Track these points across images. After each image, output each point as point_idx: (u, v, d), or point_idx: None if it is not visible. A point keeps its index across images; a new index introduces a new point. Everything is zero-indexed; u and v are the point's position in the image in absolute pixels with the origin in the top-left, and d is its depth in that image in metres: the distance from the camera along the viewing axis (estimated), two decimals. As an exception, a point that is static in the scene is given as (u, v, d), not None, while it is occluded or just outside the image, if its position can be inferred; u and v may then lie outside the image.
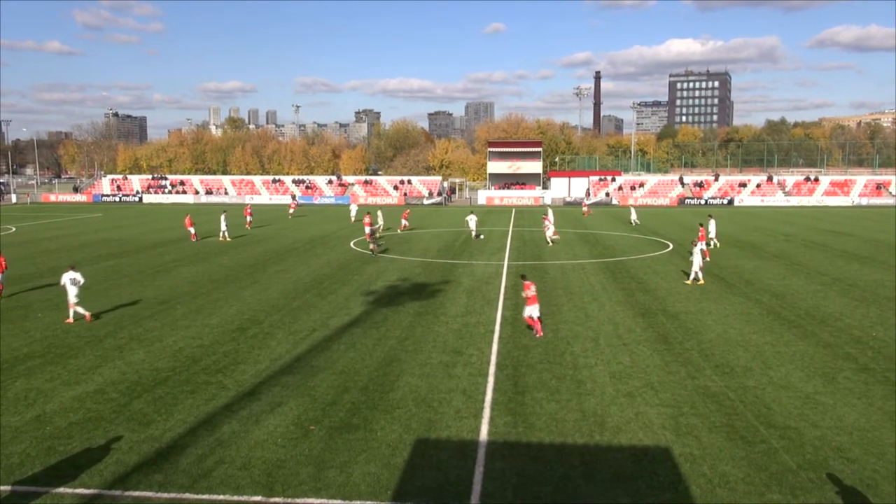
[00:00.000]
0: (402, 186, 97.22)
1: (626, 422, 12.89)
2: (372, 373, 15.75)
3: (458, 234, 48.11)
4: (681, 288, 26.42)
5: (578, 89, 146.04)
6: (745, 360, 16.81)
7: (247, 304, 23.48)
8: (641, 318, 21.42)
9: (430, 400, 13.98)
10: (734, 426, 12.68)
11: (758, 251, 37.65)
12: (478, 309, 22.70)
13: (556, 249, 38.71)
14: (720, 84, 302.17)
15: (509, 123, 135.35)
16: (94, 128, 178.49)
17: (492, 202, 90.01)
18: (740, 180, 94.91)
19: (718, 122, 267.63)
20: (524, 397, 14.16)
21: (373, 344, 18.23)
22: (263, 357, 17.04)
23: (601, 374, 15.69)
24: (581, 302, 23.82)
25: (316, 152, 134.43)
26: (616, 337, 19.09)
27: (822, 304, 23.45)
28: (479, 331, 19.75)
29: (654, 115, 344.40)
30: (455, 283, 27.69)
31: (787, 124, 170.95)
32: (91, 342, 18.47)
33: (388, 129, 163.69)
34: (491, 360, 16.72)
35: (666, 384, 15.00)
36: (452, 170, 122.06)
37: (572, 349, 17.81)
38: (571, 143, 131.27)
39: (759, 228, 51.17)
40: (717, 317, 21.52)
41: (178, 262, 33.18)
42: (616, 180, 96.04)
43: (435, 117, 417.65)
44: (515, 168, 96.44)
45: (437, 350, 17.67)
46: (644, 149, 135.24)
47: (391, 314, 21.77)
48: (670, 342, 18.54)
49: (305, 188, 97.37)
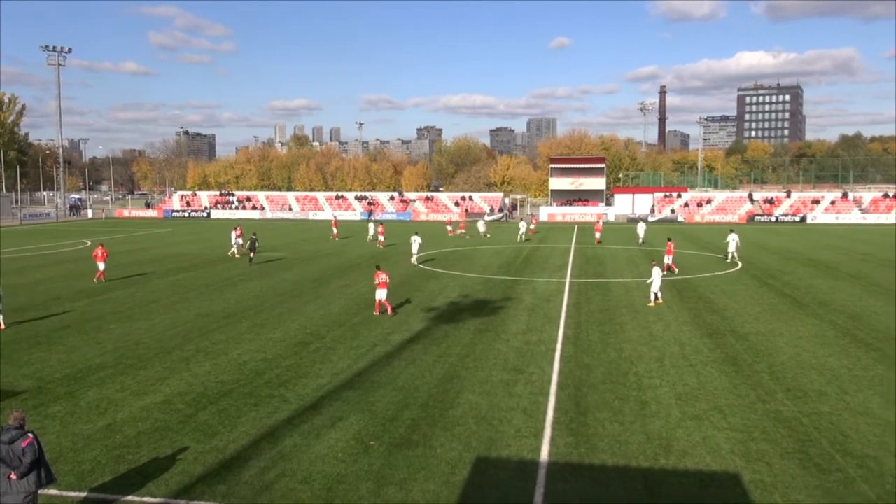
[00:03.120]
0: (463, 202, 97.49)
1: (693, 446, 12.54)
2: (432, 389, 15.76)
3: (518, 250, 47.92)
4: (750, 308, 25.67)
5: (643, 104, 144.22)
6: (819, 384, 16.18)
7: (309, 318, 23.84)
8: (709, 338, 20.87)
9: (491, 418, 13.89)
10: (808, 453, 12.20)
11: (832, 271, 36.32)
12: (539, 327, 22.52)
13: (619, 268, 38.15)
14: (792, 98, 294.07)
15: (572, 139, 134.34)
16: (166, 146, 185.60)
17: (553, 218, 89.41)
18: (813, 197, 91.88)
19: (790, 137, 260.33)
20: (586, 418, 13.94)
21: (433, 360, 18.25)
22: (325, 371, 17.25)
23: (666, 396, 15.33)
24: (645, 321, 23.38)
25: (378, 169, 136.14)
26: (682, 357, 18.64)
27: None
28: (541, 349, 19.57)
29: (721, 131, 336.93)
30: (516, 300, 27.55)
31: (863, 139, 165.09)
32: (160, 354, 19.03)
33: (449, 145, 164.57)
34: (552, 379, 16.53)
35: (735, 408, 14.55)
36: (514, 186, 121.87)
37: (636, 369, 17.47)
38: (636, 159, 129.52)
39: (833, 247, 49.38)
40: (789, 338, 20.81)
41: (244, 277, 33.96)
42: (682, 196, 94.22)
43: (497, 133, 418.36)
44: (578, 184, 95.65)
45: (498, 368, 17.58)
46: (711, 164, 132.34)
47: (452, 331, 21.77)
48: (739, 364, 18.00)
49: (367, 204, 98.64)
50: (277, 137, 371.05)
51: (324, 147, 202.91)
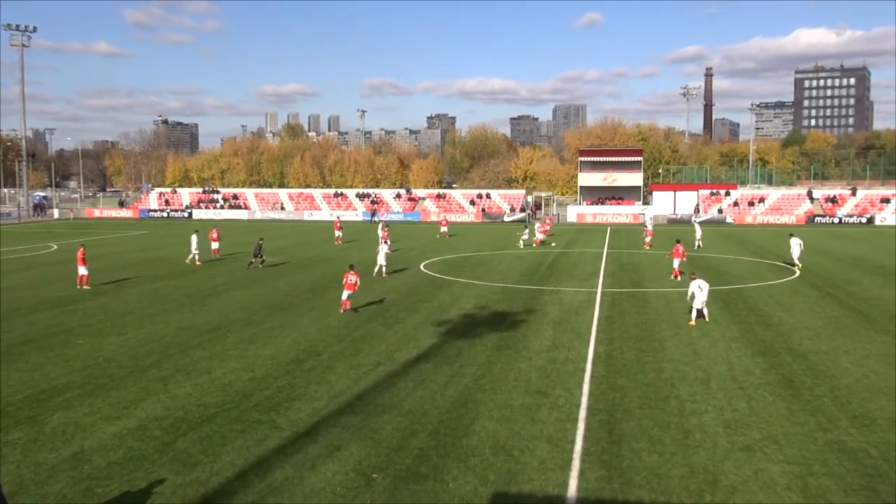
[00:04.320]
0: (480, 201, 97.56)
1: (744, 481, 12.46)
2: (443, 415, 15.75)
3: (543, 255, 47.87)
4: (809, 322, 25.52)
5: (686, 89, 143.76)
6: (889, 411, 16.05)
7: (304, 333, 23.92)
8: (762, 357, 20.76)
9: (511, 448, 13.87)
10: (876, 490, 12.09)
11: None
12: (566, 343, 22.48)
13: (659, 276, 38.02)
14: (857, 81, 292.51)
15: (604, 129, 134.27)
16: (142, 136, 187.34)
17: (583, 219, 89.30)
18: (882, 195, 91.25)
19: (855, 127, 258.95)
20: (620, 448, 13.90)
21: (445, 381, 18.25)
22: (321, 393, 17.29)
23: (713, 423, 15.26)
24: (689, 337, 23.29)
25: (383, 163, 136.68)
26: (731, 379, 18.54)
27: None
28: (568, 369, 19.54)
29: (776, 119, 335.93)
30: (540, 312, 27.52)
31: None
32: (134, 373, 19.14)
33: (464, 135, 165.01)
34: (581, 404, 16.50)
35: (792, 437, 14.46)
36: (538, 182, 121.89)
37: (678, 392, 17.40)
38: (677, 152, 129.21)
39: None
40: (854, 357, 20.66)
41: (230, 286, 34.12)
42: (731, 194, 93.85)
43: (518, 122, 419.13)
44: (611, 180, 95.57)
45: (519, 390, 17.56)
46: (765, 158, 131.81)
47: (466, 348, 21.77)
48: (797, 387, 17.88)
49: (371, 203, 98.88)
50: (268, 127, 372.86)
51: (321, 138, 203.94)
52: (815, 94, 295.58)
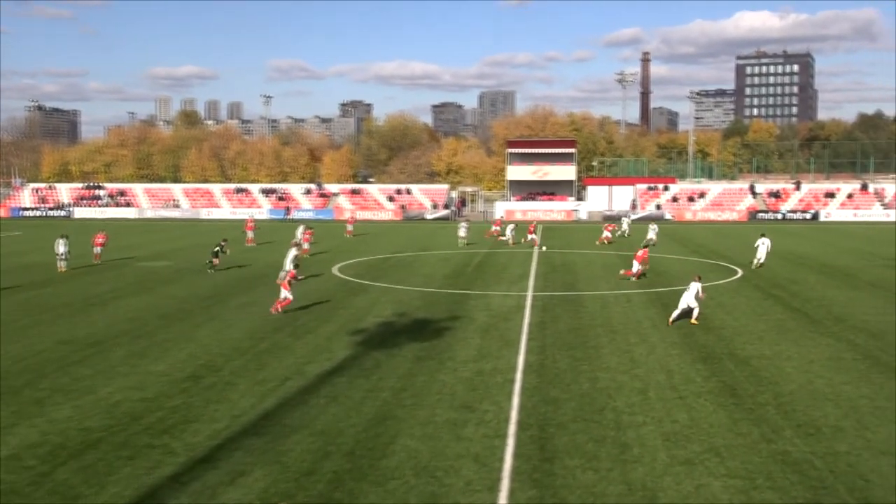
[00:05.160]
0: (400, 197, 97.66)
1: (684, 497, 12.77)
2: (359, 434, 15.68)
3: (470, 256, 48.18)
4: (753, 325, 26.33)
5: (622, 75, 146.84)
6: (835, 419, 16.68)
7: (202, 345, 23.51)
8: (702, 363, 21.32)
9: (434, 469, 13.90)
10: (822, 503, 12.54)
11: (850, 279, 37.53)
12: (494, 352, 22.63)
13: (594, 277, 38.70)
14: (801, 68, 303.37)
15: (535, 118, 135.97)
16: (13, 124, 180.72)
17: (513, 216, 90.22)
18: (827, 189, 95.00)
19: (799, 117, 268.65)
20: (553, 465, 14.07)
21: (361, 397, 18.18)
22: (222, 413, 17.02)
23: (651, 436, 15.58)
24: (626, 343, 23.75)
25: (291, 154, 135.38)
26: (670, 388, 18.97)
27: (934, 346, 23.30)
28: (497, 380, 19.67)
29: (717, 108, 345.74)
30: (466, 318, 27.67)
31: (885, 118, 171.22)
32: (5, 395, 18.49)
33: (381, 124, 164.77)
34: (511, 418, 16.63)
35: (734, 449, 14.88)
36: (463, 176, 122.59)
37: (614, 404, 17.71)
38: (613, 143, 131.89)
39: (852, 250, 51.08)
40: (799, 363, 21.40)
41: (117, 293, 33.32)
42: (670, 189, 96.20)
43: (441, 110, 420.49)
44: (542, 174, 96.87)
45: (443, 405, 17.59)
46: (705, 149, 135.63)
47: (384, 359, 21.72)
48: (740, 395, 18.42)
49: (277, 199, 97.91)
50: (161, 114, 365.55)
51: (221, 127, 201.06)
52: (757, 82, 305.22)
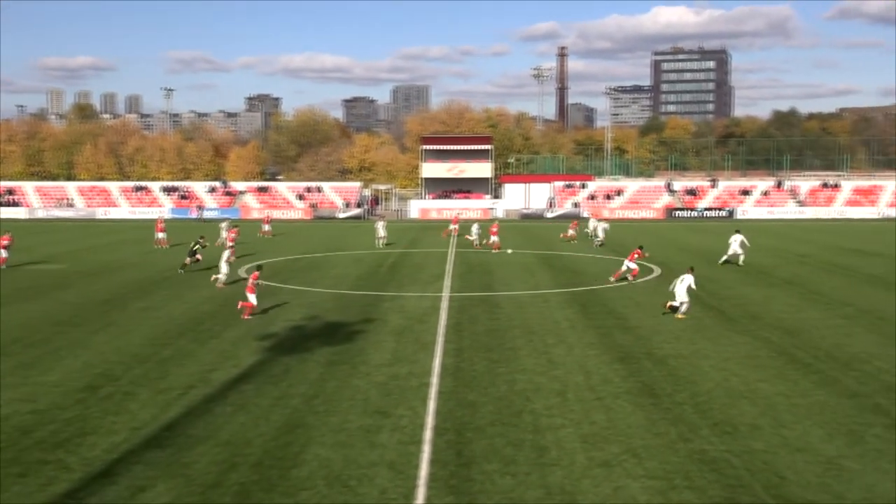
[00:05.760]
0: (310, 195, 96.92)
1: (603, 499, 12.98)
2: (268, 443, 15.52)
3: (383, 257, 48.10)
4: (670, 324, 26.95)
5: (539, 70, 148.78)
6: (751, 416, 17.19)
7: (99, 353, 22.93)
8: (620, 364, 21.72)
9: (347, 478, 13.84)
10: (739, 501, 12.91)
11: (766, 277, 38.74)
12: (409, 356, 22.66)
13: (511, 276, 39.06)
14: (717, 64, 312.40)
15: (450, 113, 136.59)
16: None
17: (428, 215, 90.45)
18: (742, 186, 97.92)
19: (715, 113, 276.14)
20: (471, 470, 14.14)
21: (269, 404, 17.99)
22: (121, 425, 16.63)
23: (570, 439, 15.80)
24: (543, 345, 24.03)
25: (194, 150, 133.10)
26: (588, 389, 19.27)
27: (846, 342, 24.24)
28: (412, 384, 19.69)
29: (634, 104, 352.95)
30: (380, 321, 27.64)
31: (798, 116, 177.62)
32: None
33: (290, 119, 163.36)
34: (427, 423, 16.66)
35: (652, 449, 15.20)
36: (376, 173, 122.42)
37: (532, 406, 17.90)
38: (530, 139, 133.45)
39: (767, 248, 52.72)
40: (715, 361, 21.99)
41: (7, 299, 32.25)
42: (587, 187, 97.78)
43: (353, 105, 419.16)
44: (458, 171, 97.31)
45: (356, 411, 17.53)
46: (622, 146, 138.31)
47: (295, 364, 21.54)
48: (657, 395, 18.82)
49: (180, 197, 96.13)
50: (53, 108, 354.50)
51: (118, 121, 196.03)
52: (673, 78, 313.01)
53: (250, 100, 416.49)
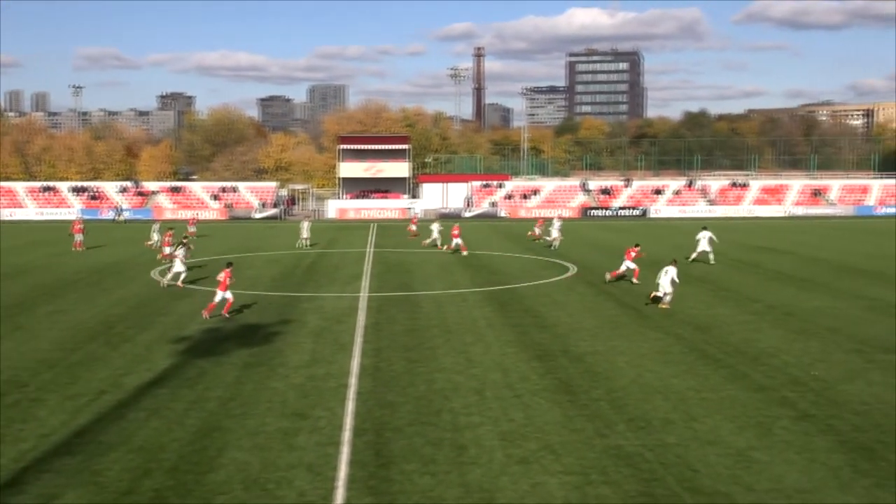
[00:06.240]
0: (225, 195, 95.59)
1: (521, 496, 13.12)
2: (183, 448, 15.28)
3: (300, 257, 47.71)
4: (586, 322, 27.37)
5: (456, 70, 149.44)
6: (664, 411, 17.57)
7: (5, 359, 22.23)
8: (538, 361, 21.97)
9: (265, 481, 13.71)
10: (654, 494, 13.19)
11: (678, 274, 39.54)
12: (328, 356, 22.55)
13: (429, 276, 39.16)
14: (630, 66, 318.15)
15: (367, 113, 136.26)
16: None
17: (345, 215, 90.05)
18: (655, 186, 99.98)
19: (629, 114, 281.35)
20: (390, 471, 14.15)
21: (184, 408, 17.71)
22: (28, 433, 16.15)
23: (488, 437, 15.93)
24: (462, 343, 24.16)
25: (104, 150, 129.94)
26: (506, 387, 19.44)
27: (755, 337, 24.97)
28: (330, 385, 19.61)
29: (549, 104, 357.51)
30: (297, 322, 27.44)
31: (708, 117, 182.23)
32: None
33: (204, 118, 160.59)
34: (345, 424, 16.61)
35: (569, 445, 15.42)
36: (292, 173, 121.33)
37: (451, 405, 17.99)
38: (448, 139, 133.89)
39: (679, 246, 53.83)
40: (630, 357, 22.42)
41: None
42: (504, 186, 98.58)
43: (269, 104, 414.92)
44: (376, 171, 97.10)
45: (274, 413, 17.39)
46: (538, 146, 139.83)
47: (210, 367, 21.24)
48: (574, 392, 19.09)
49: (90, 198, 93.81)
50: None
51: (24, 119, 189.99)
52: (588, 79, 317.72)
53: (163, 98, 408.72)
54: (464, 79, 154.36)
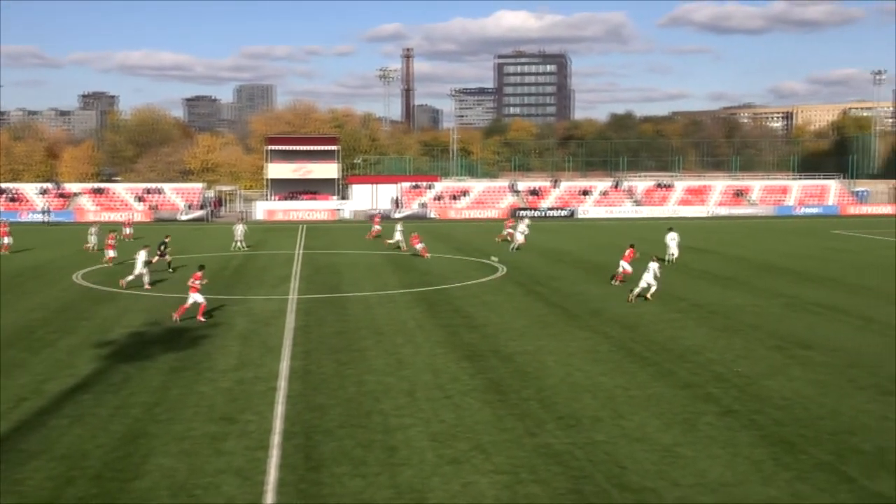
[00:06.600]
0: (150, 197, 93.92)
1: (452, 496, 13.17)
2: (108, 455, 14.98)
3: (227, 259, 47.12)
4: (516, 322, 27.58)
5: (384, 71, 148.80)
6: (593, 409, 17.81)
7: (-81, 367, 21.52)
8: (468, 362, 22.08)
9: (192, 487, 13.52)
10: (583, 492, 13.36)
11: (606, 274, 40.06)
12: (256, 359, 22.35)
13: (358, 277, 39.04)
14: (558, 68, 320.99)
15: (296, 113, 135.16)
16: None
17: (274, 216, 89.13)
18: (583, 187, 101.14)
19: (557, 116, 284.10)
20: (320, 474, 14.08)
21: (109, 415, 17.37)
22: (-55, 442, 15.67)
23: (419, 438, 15.96)
24: (392, 345, 24.16)
25: (23, 150, 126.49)
26: (437, 388, 19.51)
27: (680, 335, 25.47)
28: (259, 388, 19.44)
29: (478, 106, 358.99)
30: (225, 325, 27.13)
31: (634, 118, 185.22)
32: None
33: (128, 118, 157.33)
34: (275, 428, 16.49)
35: (500, 445, 15.53)
36: (219, 174, 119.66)
37: (381, 407, 17.98)
38: (377, 140, 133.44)
39: (607, 246, 54.61)
40: (559, 357, 22.66)
41: None
42: (434, 187, 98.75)
43: (195, 104, 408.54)
44: (304, 172, 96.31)
45: (201, 418, 17.17)
46: (467, 147, 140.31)
47: (135, 373, 20.88)
48: (504, 391, 19.24)
49: (9, 200, 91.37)
50: None
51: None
52: (516, 81, 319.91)
53: (85, 97, 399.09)
54: (393, 80, 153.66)
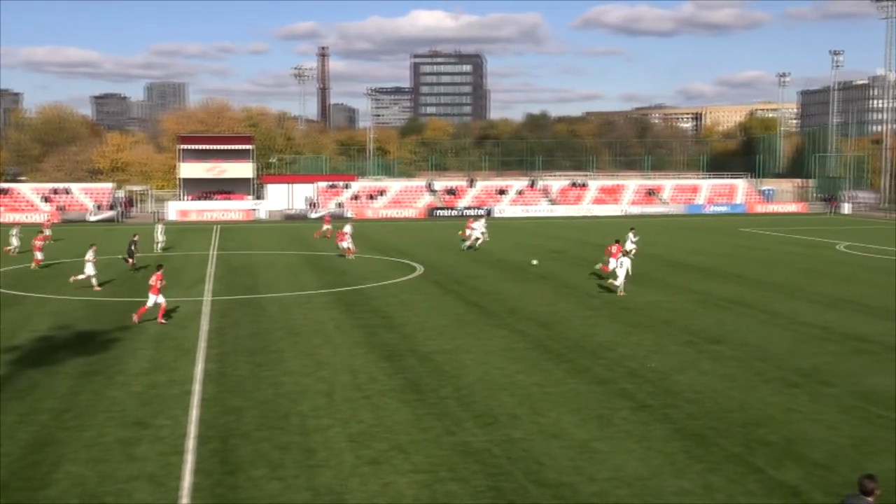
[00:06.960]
0: (57, 197, 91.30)
1: (371, 497, 13.15)
2: (14, 464, 14.57)
3: (140, 260, 46.05)
4: (434, 321, 27.66)
5: (299, 70, 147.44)
6: (510, 407, 17.98)
7: None
8: (386, 362, 22.07)
9: (103, 494, 13.24)
10: (501, 489, 13.48)
11: (522, 273, 40.54)
12: (170, 363, 21.99)
13: (275, 278, 38.66)
14: (473, 68, 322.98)
15: (209, 112, 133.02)
16: None
17: (187, 217, 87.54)
18: (499, 186, 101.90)
19: (473, 116, 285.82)
20: (237, 478, 13.92)
21: (15, 422, 16.87)
22: None
23: (337, 439, 15.89)
24: (309, 346, 24.00)
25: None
26: (355, 388, 19.45)
27: (594, 332, 25.90)
28: (173, 392, 19.12)
29: (395, 105, 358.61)
30: (136, 328, 26.58)
31: (548, 118, 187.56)
32: None
33: (33, 116, 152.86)
34: (189, 432, 16.24)
35: (418, 444, 15.57)
36: (130, 174, 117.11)
37: (299, 408, 17.86)
38: (292, 139, 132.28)
39: (523, 245, 55.21)
40: (476, 355, 22.82)
41: None
42: (350, 187, 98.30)
43: (103, 102, 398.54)
44: (218, 171, 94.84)
45: (113, 423, 16.82)
46: (384, 147, 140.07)
47: (43, 378, 20.32)
48: (422, 390, 19.29)
49: None
50: None
51: None
52: (432, 81, 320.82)
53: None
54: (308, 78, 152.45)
